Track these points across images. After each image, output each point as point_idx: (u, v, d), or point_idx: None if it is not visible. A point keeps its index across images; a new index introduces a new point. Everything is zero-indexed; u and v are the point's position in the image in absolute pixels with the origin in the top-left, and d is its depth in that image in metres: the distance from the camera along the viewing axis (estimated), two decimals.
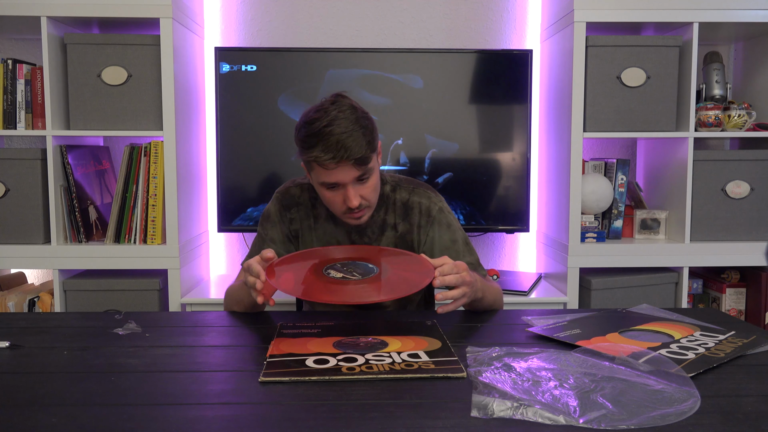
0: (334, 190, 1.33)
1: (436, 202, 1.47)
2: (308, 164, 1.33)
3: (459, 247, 1.45)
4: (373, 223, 1.46)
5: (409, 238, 1.46)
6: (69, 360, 1.03)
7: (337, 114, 1.28)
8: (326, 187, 1.33)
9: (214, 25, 2.39)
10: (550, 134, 2.29)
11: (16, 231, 2.02)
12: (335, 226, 1.46)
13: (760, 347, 1.08)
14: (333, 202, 1.35)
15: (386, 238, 1.46)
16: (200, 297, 2.05)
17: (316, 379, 0.92)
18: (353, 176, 1.30)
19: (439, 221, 1.46)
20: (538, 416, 0.77)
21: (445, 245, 1.44)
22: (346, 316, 1.31)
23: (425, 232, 1.46)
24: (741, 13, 2.03)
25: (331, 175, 1.29)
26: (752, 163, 2.11)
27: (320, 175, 1.31)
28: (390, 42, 2.41)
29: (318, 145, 1.26)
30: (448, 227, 1.46)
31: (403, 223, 1.46)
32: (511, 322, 1.27)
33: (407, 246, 1.47)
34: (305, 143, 1.29)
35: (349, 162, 1.27)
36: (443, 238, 1.45)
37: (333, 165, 1.27)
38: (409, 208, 1.46)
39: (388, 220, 1.46)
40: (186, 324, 1.26)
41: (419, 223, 1.46)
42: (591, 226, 2.13)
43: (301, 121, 1.32)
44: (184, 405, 0.84)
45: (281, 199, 1.49)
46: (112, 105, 2.01)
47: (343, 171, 1.28)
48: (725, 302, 2.19)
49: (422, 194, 1.48)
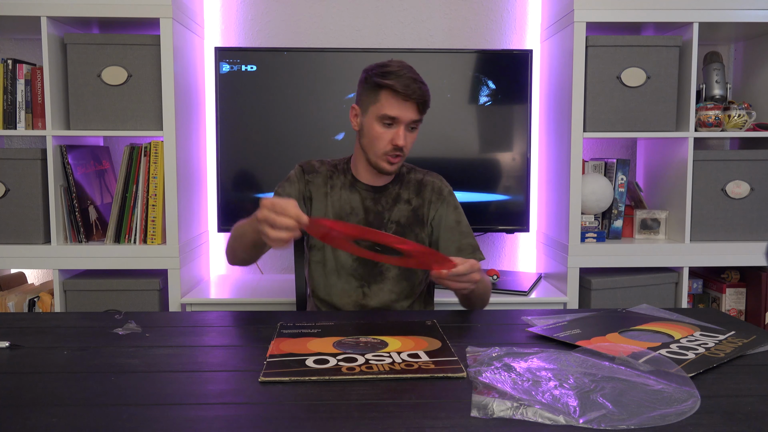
0: (387, 127, 1.44)
1: (447, 185, 1.61)
2: (375, 95, 1.44)
3: (462, 228, 1.56)
4: (387, 195, 1.56)
5: (420, 212, 1.57)
6: (69, 360, 1.03)
7: (409, 66, 1.46)
8: (384, 121, 1.44)
9: (214, 25, 2.39)
10: (550, 134, 2.29)
11: (16, 231, 2.02)
12: (350, 194, 1.55)
13: (760, 347, 1.08)
14: (382, 138, 1.45)
15: (398, 210, 1.55)
16: (200, 297, 2.05)
17: (316, 379, 0.92)
18: (411, 117, 1.44)
19: (448, 201, 1.58)
20: (538, 416, 0.77)
21: (450, 225, 1.55)
22: (346, 317, 1.31)
23: (434, 208, 1.57)
24: (741, 13, 2.03)
25: (395, 108, 1.42)
26: (752, 163, 2.11)
27: (384, 107, 1.43)
28: (390, 42, 2.41)
29: (395, 78, 1.41)
30: (455, 209, 1.58)
31: (416, 198, 1.57)
32: (511, 322, 1.27)
33: (418, 220, 1.56)
34: (382, 75, 1.43)
35: (415, 103, 1.42)
36: (449, 217, 1.56)
37: (403, 98, 1.41)
38: (423, 185, 1.59)
39: (402, 194, 1.57)
40: (186, 324, 1.26)
41: (430, 199, 1.57)
42: (591, 226, 2.12)
43: (372, 66, 1.48)
44: (184, 405, 0.84)
45: (302, 165, 1.59)
46: (112, 105, 2.01)
47: (407, 109, 1.43)
48: (725, 302, 2.18)
49: (435, 176, 1.62)
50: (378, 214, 1.54)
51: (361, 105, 1.50)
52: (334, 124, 2.24)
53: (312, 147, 2.24)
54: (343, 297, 1.52)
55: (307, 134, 2.24)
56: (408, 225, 1.55)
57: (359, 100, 1.51)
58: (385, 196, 1.55)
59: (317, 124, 2.24)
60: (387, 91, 1.42)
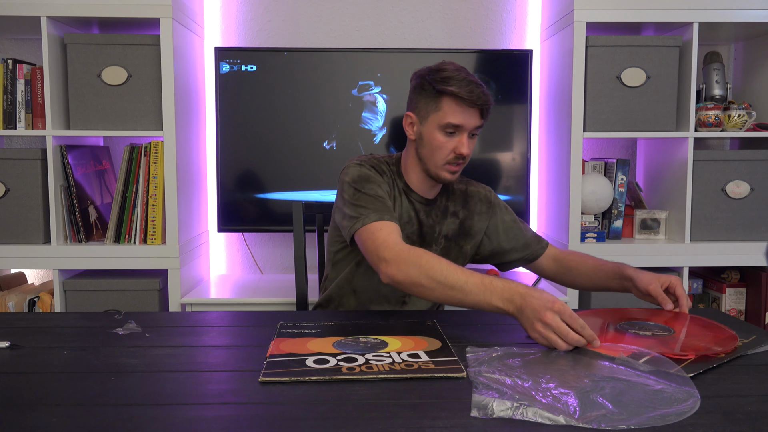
0: (450, 136, 1.38)
1: (490, 191, 1.60)
2: (436, 103, 1.37)
3: (520, 225, 1.57)
4: (437, 208, 1.51)
5: (468, 224, 1.54)
6: (69, 360, 1.03)
7: (463, 68, 1.39)
8: (446, 129, 1.37)
9: (214, 25, 2.39)
10: (550, 134, 2.29)
11: (16, 231, 2.02)
12: (408, 202, 1.48)
13: (760, 347, 1.08)
14: (443, 147, 1.38)
15: (447, 224, 1.52)
16: (200, 297, 2.05)
17: (316, 379, 0.92)
18: (475, 124, 1.38)
19: (498, 205, 1.58)
20: (538, 416, 0.77)
21: (509, 225, 1.56)
22: (346, 316, 1.31)
23: (486, 218, 1.56)
24: (741, 13, 2.03)
25: (458, 116, 1.35)
26: (752, 163, 2.11)
27: (447, 115, 1.36)
28: (390, 42, 2.41)
29: (456, 83, 1.34)
30: (506, 209, 1.59)
31: (462, 210, 1.54)
32: (511, 322, 1.27)
33: (464, 232, 1.53)
34: (441, 81, 1.35)
35: (479, 108, 1.36)
36: (505, 219, 1.56)
37: (468, 105, 1.34)
38: (469, 196, 1.56)
39: (450, 207, 1.53)
40: (186, 324, 1.26)
41: (479, 210, 1.55)
42: (591, 226, 2.12)
43: (425, 70, 1.40)
44: (184, 405, 0.84)
45: (371, 163, 1.44)
46: (112, 105, 2.01)
47: (470, 115, 1.36)
48: (725, 302, 2.18)
49: (476, 184, 1.59)
50: (430, 228, 1.49)
51: (417, 113, 1.41)
52: (334, 123, 2.24)
53: (312, 147, 2.24)
54: (384, 303, 1.50)
55: (307, 134, 2.24)
56: (454, 238, 1.52)
57: (415, 108, 1.42)
58: (435, 209, 1.50)
59: (317, 124, 2.24)
60: (449, 98, 1.35)
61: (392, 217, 1.32)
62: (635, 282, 1.33)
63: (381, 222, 1.30)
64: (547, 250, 1.55)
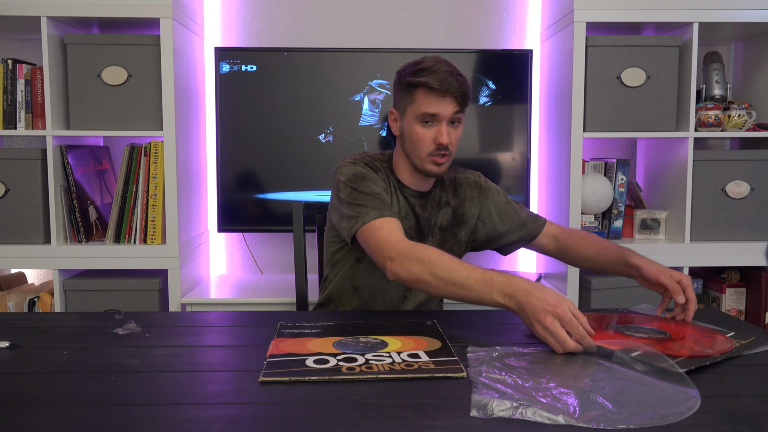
0: (428, 126, 1.38)
1: (479, 174, 1.59)
2: (411, 95, 1.38)
3: (513, 205, 1.56)
4: (432, 200, 1.51)
5: (460, 211, 1.54)
6: (69, 360, 1.03)
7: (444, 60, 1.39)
8: (422, 120, 1.37)
9: (214, 25, 2.39)
10: (550, 134, 2.29)
11: (16, 231, 2.02)
12: (403, 198, 1.48)
13: (760, 347, 1.08)
14: (424, 138, 1.38)
15: (442, 214, 1.52)
16: (200, 297, 2.05)
17: (316, 379, 0.92)
18: (452, 111, 1.37)
19: (488, 188, 1.57)
20: (538, 416, 0.77)
21: (502, 207, 1.55)
22: (346, 316, 1.31)
23: (478, 203, 1.55)
24: (741, 13, 2.03)
25: (433, 105, 1.35)
26: (752, 163, 2.11)
27: (422, 105, 1.36)
28: (390, 42, 2.41)
29: (428, 74, 1.34)
30: (497, 191, 1.57)
31: (453, 198, 1.54)
32: (511, 322, 1.27)
33: (458, 221, 1.53)
34: (415, 74, 1.36)
35: (453, 96, 1.35)
36: (498, 201, 1.55)
37: (440, 94, 1.34)
38: (458, 184, 1.55)
39: (443, 197, 1.53)
40: (186, 324, 1.26)
41: (470, 196, 1.54)
42: (591, 226, 2.12)
43: (405, 66, 1.41)
44: (184, 405, 0.84)
45: (365, 161, 1.45)
46: (112, 105, 2.01)
47: (446, 103, 1.36)
48: (725, 302, 2.18)
49: (465, 171, 1.59)
50: (427, 221, 1.50)
51: (398, 108, 1.44)
52: (334, 123, 2.24)
53: (312, 147, 2.24)
54: (387, 301, 1.50)
55: (307, 134, 2.24)
56: (448, 228, 1.52)
57: (396, 104, 1.45)
58: (430, 202, 1.51)
59: (317, 124, 2.24)
60: (422, 89, 1.36)
61: (392, 213, 1.33)
62: (642, 271, 1.32)
63: (382, 219, 1.30)
64: (546, 228, 1.54)
